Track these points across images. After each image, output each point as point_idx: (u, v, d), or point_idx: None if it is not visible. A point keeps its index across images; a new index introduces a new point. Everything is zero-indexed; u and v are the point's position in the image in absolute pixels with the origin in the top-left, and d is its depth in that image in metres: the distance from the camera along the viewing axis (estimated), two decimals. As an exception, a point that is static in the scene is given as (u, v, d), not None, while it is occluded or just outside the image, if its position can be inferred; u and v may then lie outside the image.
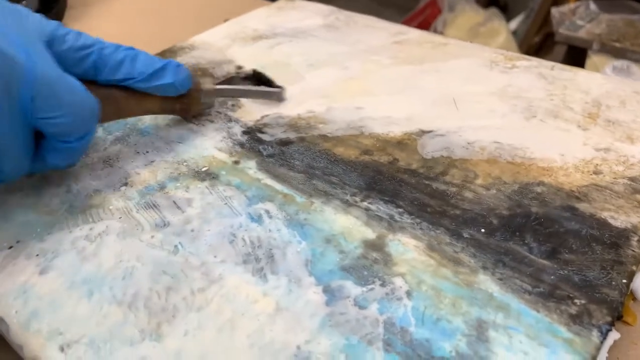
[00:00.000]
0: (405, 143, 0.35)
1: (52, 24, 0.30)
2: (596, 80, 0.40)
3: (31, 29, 0.28)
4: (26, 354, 0.25)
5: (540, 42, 1.65)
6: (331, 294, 0.26)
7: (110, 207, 0.31)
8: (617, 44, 1.12)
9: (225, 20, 0.55)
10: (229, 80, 0.41)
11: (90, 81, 0.31)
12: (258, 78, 0.41)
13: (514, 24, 1.69)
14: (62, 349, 0.24)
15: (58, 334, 0.25)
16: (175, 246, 0.29)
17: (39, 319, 0.25)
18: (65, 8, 0.62)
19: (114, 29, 0.60)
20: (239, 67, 0.39)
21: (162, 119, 0.39)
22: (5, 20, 0.26)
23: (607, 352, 0.25)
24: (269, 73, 0.44)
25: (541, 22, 1.61)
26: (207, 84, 0.37)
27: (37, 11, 0.60)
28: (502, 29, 1.62)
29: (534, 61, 0.43)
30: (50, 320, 0.25)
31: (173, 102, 0.35)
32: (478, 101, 0.39)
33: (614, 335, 0.26)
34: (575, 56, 1.23)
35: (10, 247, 0.29)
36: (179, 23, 0.61)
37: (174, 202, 0.31)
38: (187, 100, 0.36)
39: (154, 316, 0.25)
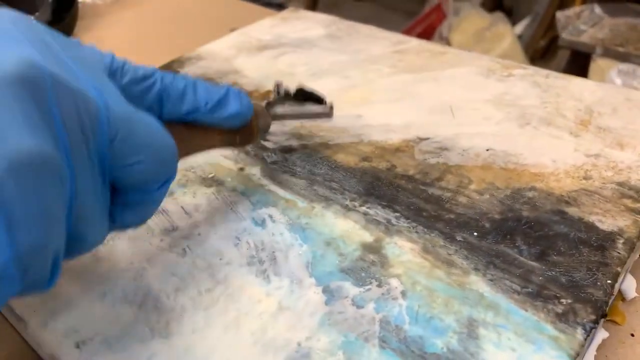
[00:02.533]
0: (403, 150, 0.36)
1: (108, 54, 0.26)
2: (589, 88, 0.41)
3: (91, 61, 0.24)
4: (44, 351, 0.26)
5: (546, 46, 1.66)
6: (330, 294, 0.27)
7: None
8: (621, 49, 1.13)
9: (232, 30, 0.57)
10: (273, 102, 0.37)
11: None
12: (302, 95, 0.37)
13: (520, 27, 1.70)
14: (77, 346, 0.25)
15: (74, 331, 0.26)
16: (184, 249, 0.30)
17: (56, 318, 0.27)
18: (77, 19, 0.64)
19: (124, 39, 0.62)
20: (278, 85, 0.36)
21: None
22: (64, 53, 0.22)
23: (596, 351, 0.26)
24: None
25: (547, 25, 1.62)
26: (261, 110, 0.33)
27: (49, 22, 0.63)
28: (508, 33, 1.63)
29: (530, 69, 0.45)
30: (66, 319, 0.27)
31: (234, 135, 0.31)
32: (474, 109, 0.40)
33: (602, 334, 0.27)
34: (580, 60, 1.24)
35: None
36: (187, 33, 0.63)
37: (182, 208, 0.33)
38: (247, 130, 0.32)
39: (163, 315, 0.27)
